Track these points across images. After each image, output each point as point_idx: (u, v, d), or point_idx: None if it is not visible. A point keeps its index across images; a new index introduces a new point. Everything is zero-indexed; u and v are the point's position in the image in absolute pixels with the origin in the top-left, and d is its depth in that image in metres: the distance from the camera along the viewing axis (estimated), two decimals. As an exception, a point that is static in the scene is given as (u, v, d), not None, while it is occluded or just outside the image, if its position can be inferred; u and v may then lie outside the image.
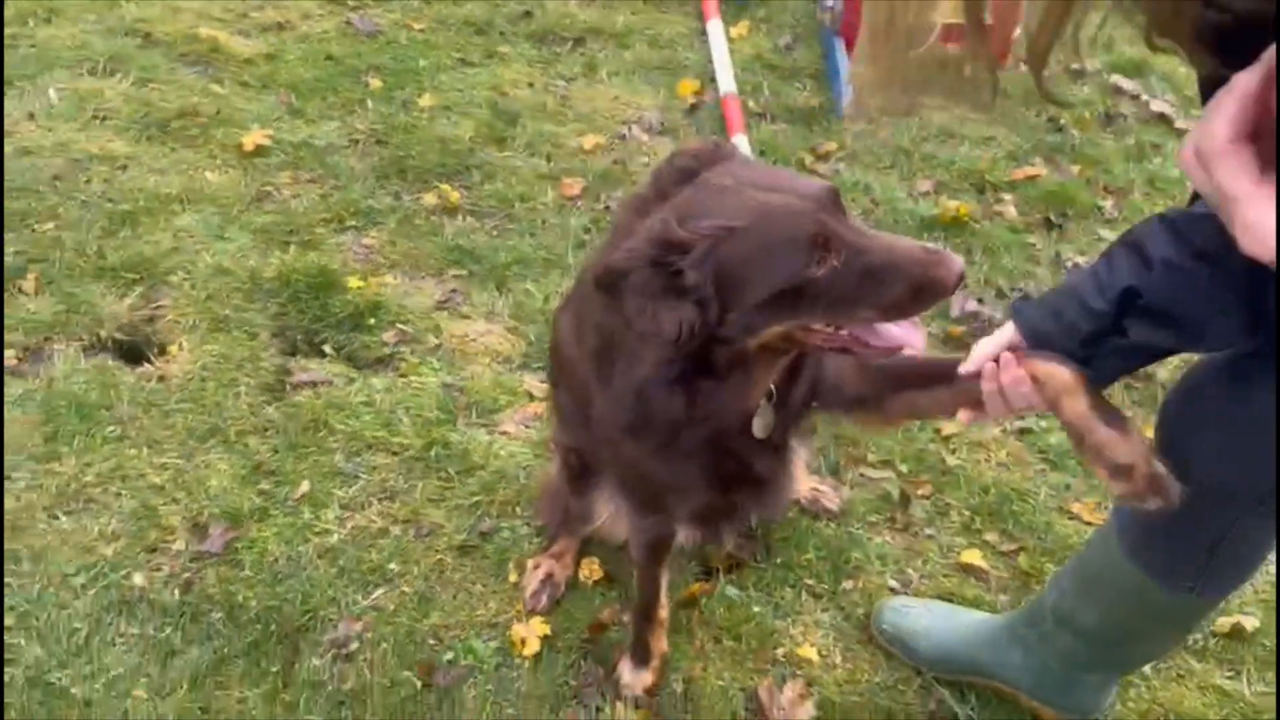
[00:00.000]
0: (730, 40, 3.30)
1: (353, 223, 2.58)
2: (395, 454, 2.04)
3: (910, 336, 1.14)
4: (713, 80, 3.14)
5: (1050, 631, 1.55)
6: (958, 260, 1.08)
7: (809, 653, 1.72)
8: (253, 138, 2.77)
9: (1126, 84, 3.22)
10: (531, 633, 1.74)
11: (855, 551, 1.88)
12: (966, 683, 1.68)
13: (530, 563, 1.84)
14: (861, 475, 2.02)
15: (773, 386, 1.27)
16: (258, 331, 2.27)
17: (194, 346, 2.22)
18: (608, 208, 2.65)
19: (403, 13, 3.43)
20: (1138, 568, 1.35)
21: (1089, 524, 1.94)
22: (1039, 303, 1.19)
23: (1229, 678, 1.73)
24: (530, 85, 3.13)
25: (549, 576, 1.81)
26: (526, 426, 2.11)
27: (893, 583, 1.84)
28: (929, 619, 1.73)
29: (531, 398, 2.17)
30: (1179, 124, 3.07)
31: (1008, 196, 2.74)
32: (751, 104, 3.05)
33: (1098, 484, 2.01)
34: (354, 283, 2.38)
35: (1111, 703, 1.64)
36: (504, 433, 2.09)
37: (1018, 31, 3.30)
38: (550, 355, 1.64)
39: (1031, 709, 1.64)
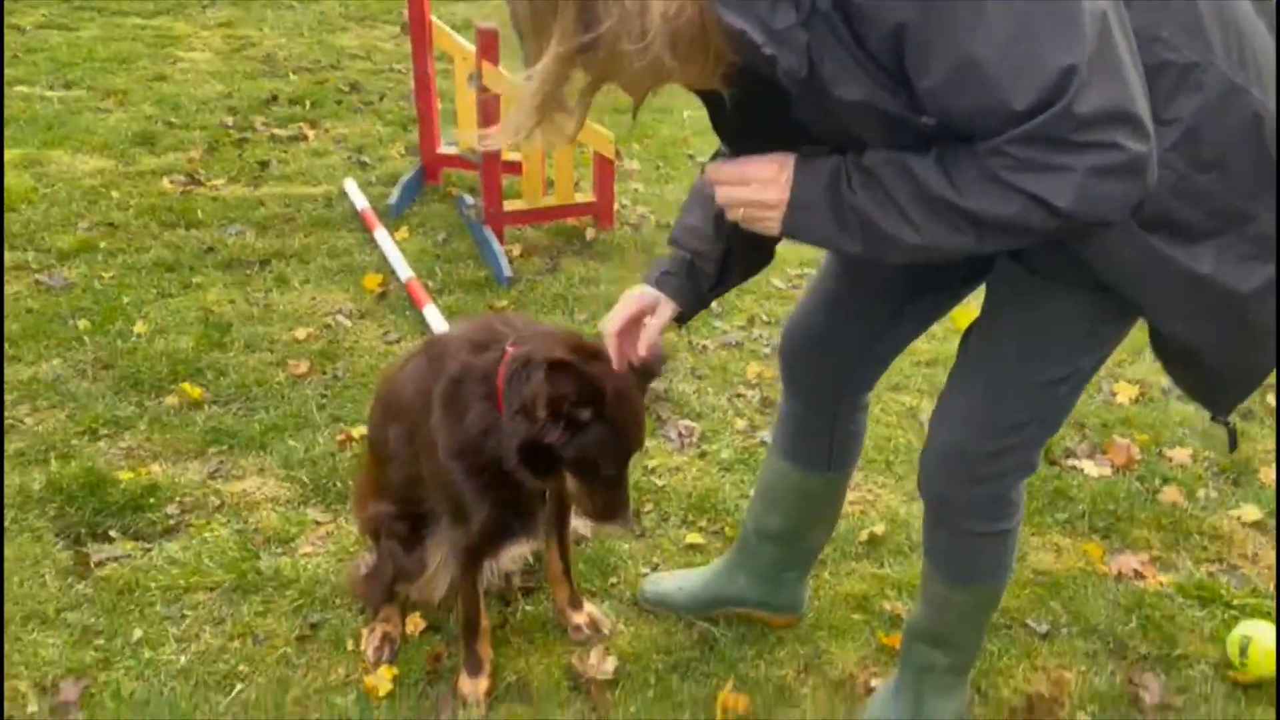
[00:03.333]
0: (396, 242, 3.96)
1: (105, 432, 2.84)
2: (212, 590, 2.33)
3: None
4: (392, 272, 3.76)
5: (754, 548, 2.21)
6: (627, 525, 1.88)
7: (600, 629, 2.25)
8: (-22, 383, 2.96)
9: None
10: (382, 679, 2.11)
11: (611, 558, 2.46)
12: (716, 615, 2.28)
13: (364, 631, 2.21)
14: (600, 509, 2.62)
15: None
16: (42, 533, 2.46)
17: (-18, 557, 2.38)
18: (336, 376, 3.14)
19: (88, 267, 3.75)
20: (791, 465, 2.06)
21: (764, 502, 2.67)
22: (667, 273, 1.74)
23: (876, 567, 2.48)
24: (232, 302, 3.57)
25: (385, 636, 2.19)
26: (321, 544, 2.49)
27: (644, 569, 2.43)
28: (676, 581, 2.33)
29: (318, 524, 2.56)
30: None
31: (644, 312, 3.57)
32: (430, 284, 3.71)
33: (762, 475, 2.78)
34: (124, 475, 2.65)
35: (809, 598, 2.32)
36: (305, 554, 2.46)
37: (617, 205, 4.28)
38: (381, 407, 2.12)
39: (760, 618, 2.27)
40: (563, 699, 2.09)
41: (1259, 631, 2.19)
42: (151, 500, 2.58)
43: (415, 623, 2.25)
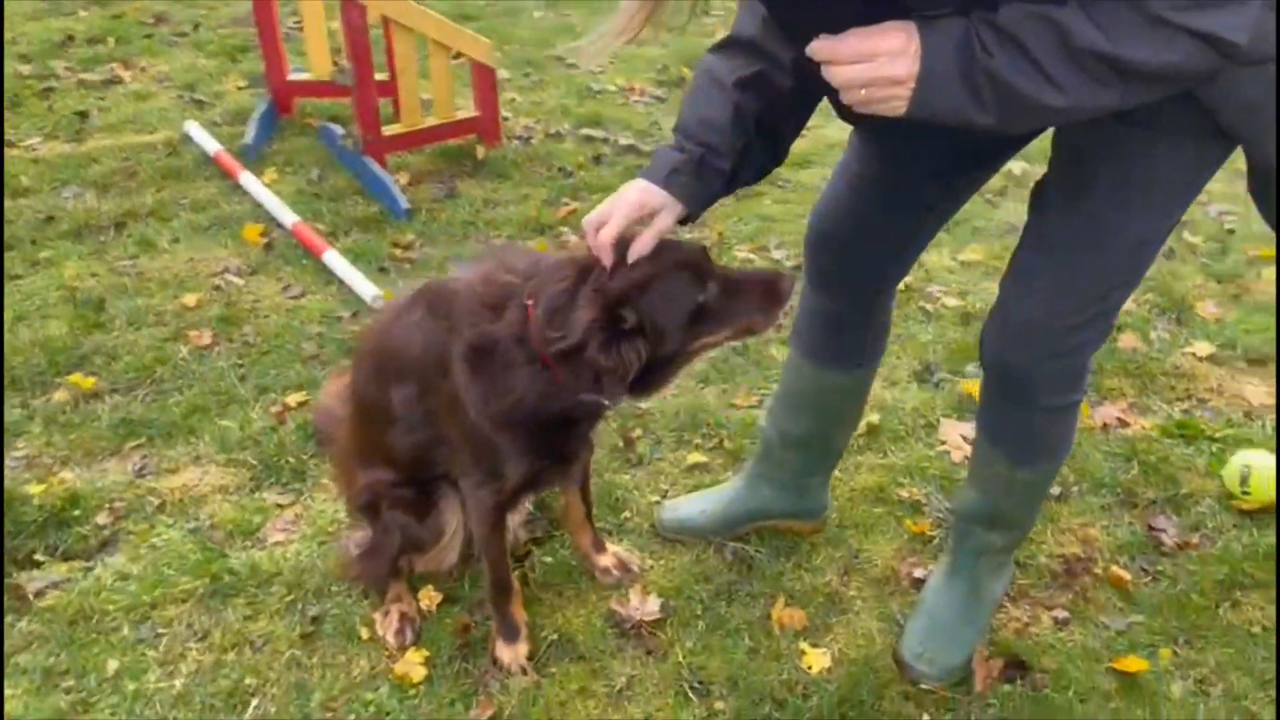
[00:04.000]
0: (266, 185, 3.56)
1: (-9, 442, 2.44)
2: (184, 601, 2.04)
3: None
4: (273, 220, 3.38)
5: (778, 457, 2.11)
6: (789, 277, 1.58)
7: (630, 568, 2.11)
8: None
9: (594, 132, 4.06)
10: (412, 665, 1.90)
11: (617, 492, 2.30)
12: (742, 532, 2.18)
13: (378, 615, 1.99)
14: (588, 442, 2.45)
15: None
16: (-48, 571, 2.10)
17: (-115, 612, 2.00)
18: (248, 342, 2.80)
19: (-97, 254, 3.19)
20: (819, 365, 1.95)
21: (747, 406, 2.57)
22: (675, 171, 1.52)
23: (881, 457, 2.44)
24: (95, 275, 3.12)
25: (403, 616, 1.98)
26: (292, 529, 2.22)
27: (654, 498, 2.29)
28: (695, 504, 2.20)
29: (281, 508, 2.28)
30: (644, 147, 3.96)
31: (564, 228, 3.36)
32: (319, 227, 3.35)
33: (741, 380, 2.67)
34: (34, 489, 2.28)
35: (830, 501, 2.24)
36: (276, 543, 2.19)
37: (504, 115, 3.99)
38: (375, 366, 1.87)
39: (788, 528, 2.19)
40: (611, 648, 1.95)
41: (1256, 459, 2.28)
42: (76, 513, 2.23)
43: (429, 596, 2.05)
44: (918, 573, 2.11)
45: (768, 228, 3.51)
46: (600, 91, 4.45)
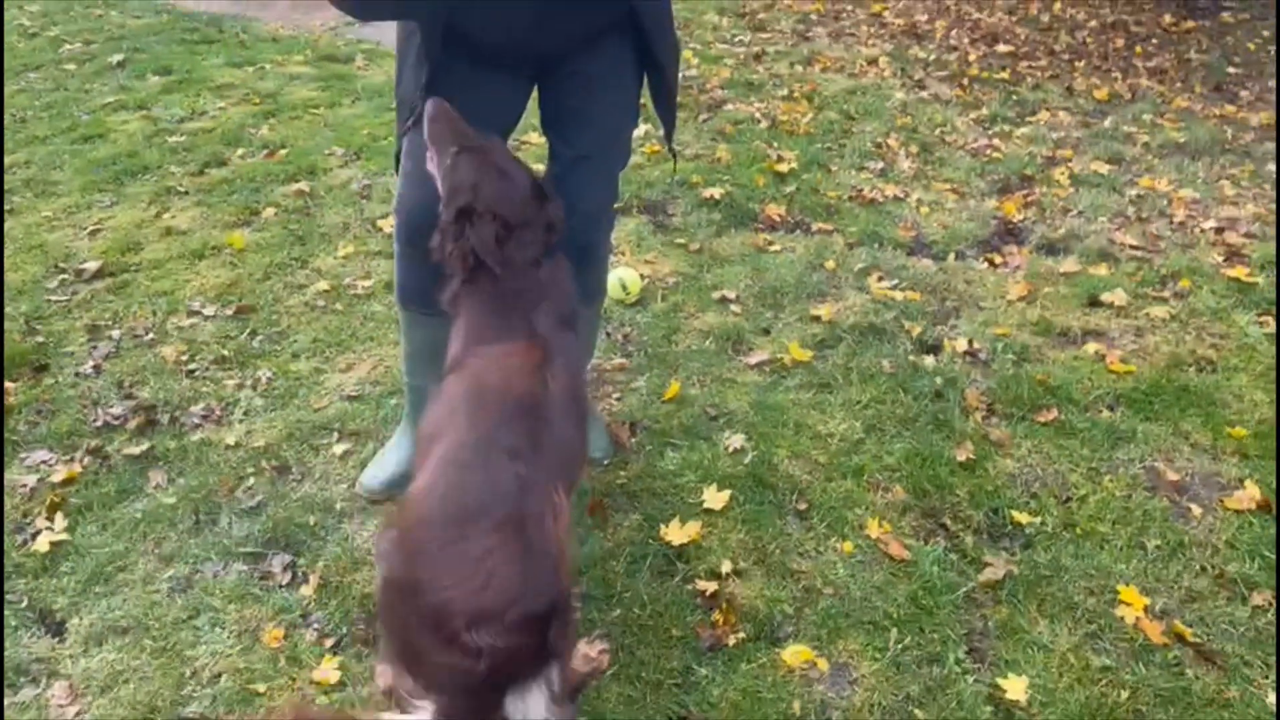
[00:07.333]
0: None
1: None
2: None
3: None
4: None
5: (432, 395, 2.76)
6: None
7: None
8: None
9: None
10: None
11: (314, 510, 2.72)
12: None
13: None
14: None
15: None
16: None
17: None
18: None
19: None
20: (432, 317, 2.43)
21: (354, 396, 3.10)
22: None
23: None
24: None
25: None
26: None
27: (340, 484, 2.78)
28: (390, 461, 2.71)
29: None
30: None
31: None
32: None
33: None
34: None
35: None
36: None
37: None
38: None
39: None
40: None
41: (622, 272, 3.63)
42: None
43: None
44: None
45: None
46: None
